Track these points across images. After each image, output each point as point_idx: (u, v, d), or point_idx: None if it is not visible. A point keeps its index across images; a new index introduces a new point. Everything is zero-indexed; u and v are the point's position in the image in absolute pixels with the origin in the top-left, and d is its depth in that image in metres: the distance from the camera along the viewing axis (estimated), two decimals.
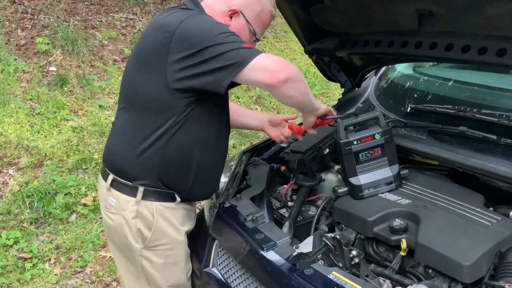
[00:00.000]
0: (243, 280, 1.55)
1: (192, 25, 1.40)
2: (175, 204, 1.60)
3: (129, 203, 1.56)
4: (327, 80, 2.45)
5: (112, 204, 1.61)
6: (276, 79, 1.35)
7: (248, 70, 1.35)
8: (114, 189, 1.59)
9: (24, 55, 4.47)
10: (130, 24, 5.38)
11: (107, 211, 1.64)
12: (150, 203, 1.56)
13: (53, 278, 2.74)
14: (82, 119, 4.12)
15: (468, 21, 1.47)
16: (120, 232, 1.61)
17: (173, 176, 1.56)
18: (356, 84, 2.34)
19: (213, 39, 1.36)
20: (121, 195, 1.58)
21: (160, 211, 1.57)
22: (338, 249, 1.37)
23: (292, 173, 1.93)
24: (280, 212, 1.82)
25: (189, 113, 1.48)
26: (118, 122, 1.64)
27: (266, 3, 1.60)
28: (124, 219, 1.58)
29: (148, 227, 1.58)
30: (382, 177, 1.57)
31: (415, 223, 1.38)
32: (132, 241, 1.59)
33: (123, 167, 1.57)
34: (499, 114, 1.60)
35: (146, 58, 1.49)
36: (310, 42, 2.12)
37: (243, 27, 1.57)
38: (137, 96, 1.53)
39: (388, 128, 1.58)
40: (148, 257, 1.61)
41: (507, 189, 1.45)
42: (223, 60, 1.35)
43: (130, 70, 1.57)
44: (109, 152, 1.64)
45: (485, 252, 1.20)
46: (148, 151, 1.51)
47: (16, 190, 3.31)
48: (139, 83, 1.51)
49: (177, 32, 1.39)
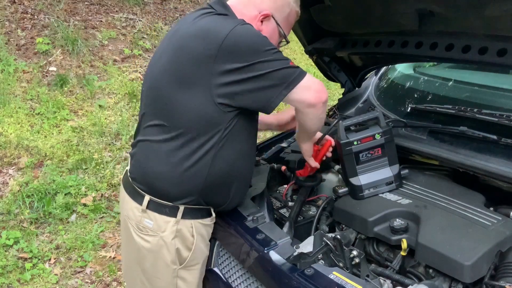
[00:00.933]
0: (244, 280, 1.55)
1: (241, 36, 1.34)
2: (210, 219, 1.57)
3: (169, 224, 1.48)
4: (327, 80, 2.45)
5: (148, 226, 1.50)
6: (319, 99, 1.39)
7: (298, 89, 1.35)
8: (151, 210, 1.49)
9: (24, 55, 4.47)
10: (130, 24, 5.38)
11: (141, 233, 1.52)
12: (189, 221, 1.50)
13: (53, 278, 2.74)
14: (82, 119, 4.12)
15: (468, 21, 1.47)
16: (157, 255, 1.52)
17: (216, 191, 1.50)
18: (357, 84, 2.34)
19: (263, 54, 1.32)
20: (160, 216, 1.49)
21: (198, 229, 1.52)
22: (338, 249, 1.37)
23: (292, 173, 1.93)
24: (281, 212, 1.82)
25: (233, 128, 1.42)
26: (151, 140, 1.49)
27: (293, 4, 1.57)
28: (163, 241, 1.49)
29: (187, 246, 1.52)
30: (382, 177, 1.57)
31: (416, 223, 1.38)
32: (169, 262, 1.52)
33: (164, 188, 1.47)
34: (499, 114, 1.60)
35: (186, 71, 1.38)
36: (310, 42, 2.12)
37: (274, 31, 1.54)
38: (179, 114, 1.41)
39: (388, 128, 1.58)
40: (184, 277, 1.56)
41: (507, 189, 1.45)
42: (275, 79, 1.33)
43: (165, 86, 1.43)
44: (145, 172, 1.51)
45: (485, 252, 1.20)
46: (192, 170, 1.43)
47: (16, 190, 3.31)
48: (180, 100, 1.39)
49: (225, 42, 1.31)
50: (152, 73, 1.51)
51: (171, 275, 1.54)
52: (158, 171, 1.46)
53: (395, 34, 1.78)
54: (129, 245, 1.60)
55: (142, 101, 1.57)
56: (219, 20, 1.40)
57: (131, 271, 1.64)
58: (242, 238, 1.54)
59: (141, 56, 5.03)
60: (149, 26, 5.47)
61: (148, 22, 5.53)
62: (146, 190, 1.50)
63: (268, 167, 1.92)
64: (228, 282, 1.62)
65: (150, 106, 1.50)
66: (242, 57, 1.32)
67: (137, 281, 1.61)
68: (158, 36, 5.37)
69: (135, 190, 1.53)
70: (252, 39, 1.35)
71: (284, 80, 1.34)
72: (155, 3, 5.88)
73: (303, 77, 1.36)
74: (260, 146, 2.14)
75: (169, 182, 1.46)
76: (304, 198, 1.79)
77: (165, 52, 1.47)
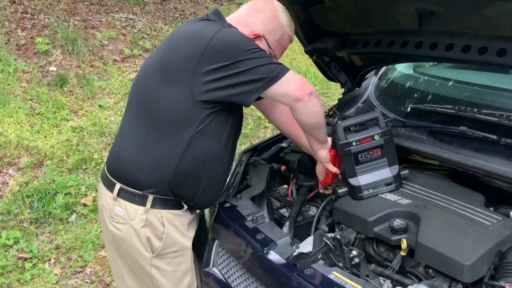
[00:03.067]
0: (244, 280, 1.55)
1: (226, 37, 1.42)
2: (182, 211, 1.59)
3: (138, 212, 1.54)
4: (327, 80, 2.45)
5: (119, 214, 1.57)
6: (303, 91, 1.44)
7: (279, 84, 1.42)
8: (121, 198, 1.56)
9: (24, 55, 4.47)
10: (130, 24, 5.38)
11: (113, 221, 1.59)
12: (159, 211, 1.54)
13: (53, 278, 2.74)
14: (82, 119, 4.12)
15: (468, 21, 1.47)
16: (129, 243, 1.57)
17: (184, 185, 1.54)
18: (356, 84, 2.34)
19: (246, 53, 1.40)
20: (129, 205, 1.54)
21: (169, 219, 1.56)
22: (338, 249, 1.37)
23: (292, 173, 1.93)
24: (280, 212, 1.82)
25: (206, 125, 1.48)
26: (130, 128, 1.59)
27: (286, 28, 1.64)
28: (133, 229, 1.55)
29: (157, 236, 1.56)
30: (381, 177, 1.57)
31: (416, 223, 1.37)
32: (142, 250, 1.57)
33: (134, 175, 1.54)
34: (499, 114, 1.60)
35: (173, 68, 1.46)
36: (310, 42, 2.12)
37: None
38: (159, 105, 1.49)
39: (387, 129, 1.57)
40: (157, 265, 1.59)
41: (507, 189, 1.45)
42: (256, 74, 1.40)
43: (151, 78, 1.53)
44: (118, 160, 1.59)
45: (485, 252, 1.20)
46: (162, 160, 1.50)
47: (16, 190, 3.31)
48: (162, 93, 1.48)
49: (211, 43, 1.39)
50: (144, 67, 1.61)
51: (145, 263, 1.59)
52: (130, 159, 1.54)
53: (395, 34, 1.78)
54: (106, 234, 1.67)
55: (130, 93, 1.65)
56: (208, 24, 1.50)
57: (112, 258, 1.71)
58: (241, 238, 1.54)
59: (141, 56, 5.03)
60: (149, 26, 5.47)
61: (148, 22, 5.53)
62: (118, 178, 1.56)
63: (268, 167, 1.92)
64: (227, 282, 1.62)
65: (134, 97, 1.59)
66: (225, 56, 1.39)
67: (119, 268, 1.68)
68: (158, 36, 5.37)
69: (108, 179, 1.60)
70: (235, 39, 1.43)
71: (266, 75, 1.41)
72: (155, 3, 5.88)
73: (285, 73, 1.42)
74: (260, 146, 2.14)
75: (139, 170, 1.52)
76: (303, 198, 1.79)
77: (159, 49, 1.57)
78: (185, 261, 1.65)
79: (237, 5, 6.71)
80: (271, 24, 1.60)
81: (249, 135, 4.50)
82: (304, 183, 1.83)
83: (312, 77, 5.83)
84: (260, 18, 1.60)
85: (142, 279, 1.64)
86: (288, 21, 1.64)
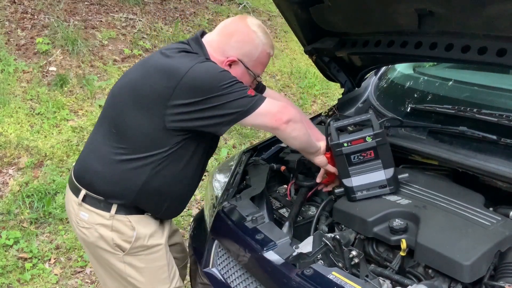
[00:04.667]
0: (243, 280, 1.55)
1: (198, 73, 1.43)
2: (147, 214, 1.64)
3: (103, 217, 1.57)
4: (327, 80, 2.45)
5: (84, 219, 1.60)
6: (280, 120, 1.46)
7: (254, 116, 1.45)
8: (86, 204, 1.59)
9: (24, 55, 4.47)
10: (130, 24, 5.38)
11: (79, 226, 1.62)
12: (125, 216, 1.58)
13: (53, 278, 2.74)
14: (82, 119, 4.12)
15: (468, 21, 1.47)
16: (97, 245, 1.61)
17: (147, 202, 1.59)
18: (356, 84, 2.34)
19: (219, 88, 1.41)
20: (94, 210, 1.58)
21: (137, 220, 1.60)
22: (338, 249, 1.37)
23: (292, 173, 1.92)
24: (280, 212, 1.82)
25: (177, 149, 1.51)
26: (98, 139, 1.60)
27: (262, 46, 1.61)
28: (98, 233, 1.58)
29: (126, 240, 1.58)
30: (375, 180, 1.55)
31: (415, 223, 1.37)
32: (111, 251, 1.60)
33: (99, 186, 1.56)
34: (499, 114, 1.60)
35: (143, 98, 1.48)
36: (310, 42, 2.12)
37: (243, 74, 1.61)
38: (128, 128, 1.52)
39: (380, 131, 1.53)
40: (130, 262, 1.62)
41: (507, 189, 1.45)
42: (228, 108, 1.43)
43: (122, 101, 1.54)
44: (85, 168, 1.61)
45: (485, 252, 1.20)
46: (129, 176, 1.53)
47: (16, 190, 3.31)
48: (132, 118, 1.50)
49: (183, 80, 1.41)
50: (120, 82, 1.62)
51: (117, 262, 1.62)
52: (96, 169, 1.56)
53: (395, 34, 1.78)
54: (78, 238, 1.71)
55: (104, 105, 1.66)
56: (182, 58, 1.49)
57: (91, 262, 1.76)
58: (241, 238, 1.54)
59: (141, 56, 5.03)
60: (149, 26, 5.47)
61: (148, 22, 5.53)
62: (83, 185, 1.59)
63: (267, 167, 1.92)
64: (227, 283, 1.62)
65: (107, 111, 1.61)
66: (198, 92, 1.41)
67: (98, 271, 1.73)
68: (158, 36, 5.37)
69: (74, 184, 1.62)
70: (208, 75, 1.43)
71: (239, 109, 1.43)
72: (155, 3, 5.88)
73: (260, 104, 1.44)
74: (259, 146, 2.14)
75: (105, 182, 1.55)
76: (303, 198, 1.78)
77: (135, 71, 1.58)
78: (159, 257, 1.67)
79: (237, 5, 6.71)
80: (245, 47, 1.58)
81: (249, 135, 4.50)
82: (304, 183, 1.83)
83: (312, 77, 5.83)
84: (233, 42, 1.58)
85: (118, 280, 1.67)
86: (264, 39, 1.61)
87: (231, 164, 2.02)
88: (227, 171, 1.99)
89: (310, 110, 5.41)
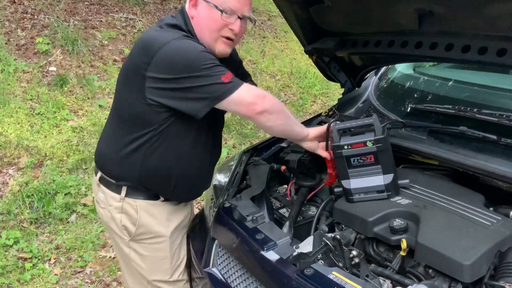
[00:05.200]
0: (243, 280, 1.55)
1: (173, 50, 1.41)
2: (159, 201, 1.67)
3: (114, 199, 1.65)
4: (327, 80, 2.45)
5: (101, 198, 1.71)
6: (253, 111, 1.45)
7: (226, 103, 1.43)
8: (102, 185, 1.69)
9: (24, 55, 4.47)
10: (130, 24, 5.38)
11: (98, 205, 1.75)
12: (134, 200, 1.62)
13: (53, 278, 2.74)
14: (82, 119, 4.12)
15: (468, 21, 1.47)
16: (109, 225, 1.71)
17: (153, 182, 1.62)
18: (356, 84, 2.34)
19: (193, 70, 1.40)
20: (108, 191, 1.67)
21: (143, 207, 1.64)
22: (338, 249, 1.37)
23: (292, 173, 1.92)
24: (280, 212, 1.82)
25: (167, 127, 1.52)
26: (108, 124, 1.72)
27: None
28: (111, 214, 1.67)
29: (132, 222, 1.64)
30: (373, 184, 1.53)
31: (415, 223, 1.37)
32: (120, 234, 1.68)
33: (107, 167, 1.65)
34: (499, 114, 1.60)
35: (127, 71, 1.54)
36: (310, 42, 2.12)
37: (209, 12, 1.50)
38: (122, 106, 1.59)
39: (382, 137, 1.51)
40: (135, 248, 1.69)
41: (507, 189, 1.45)
42: (201, 93, 1.41)
43: (118, 81, 1.63)
44: (98, 151, 1.73)
45: (485, 252, 1.20)
46: (129, 158, 1.58)
47: (16, 190, 3.31)
48: (123, 95, 1.58)
49: (158, 54, 1.41)
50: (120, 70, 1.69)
51: (124, 245, 1.71)
52: (104, 151, 1.67)
53: (395, 34, 1.78)
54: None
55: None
56: (161, 33, 1.49)
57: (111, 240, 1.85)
58: (241, 238, 1.54)
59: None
60: (149, 26, 5.47)
61: (148, 22, 5.53)
62: (98, 166, 1.71)
63: (267, 167, 1.92)
64: (227, 282, 1.62)
65: (114, 95, 1.70)
66: (171, 70, 1.41)
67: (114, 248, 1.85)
68: None
69: (95, 166, 1.75)
70: (184, 53, 1.42)
71: (210, 94, 1.42)
72: (155, 3, 5.88)
73: (233, 92, 1.42)
74: (260, 146, 2.14)
75: (111, 164, 1.63)
76: (303, 198, 1.79)
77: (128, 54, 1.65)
78: (162, 249, 1.70)
79: None
80: None
81: (249, 135, 4.50)
82: (304, 183, 1.83)
83: (312, 77, 5.83)
84: None
85: (124, 260, 1.76)
86: None
87: (231, 164, 2.02)
88: (227, 171, 1.99)
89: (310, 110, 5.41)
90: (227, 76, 1.42)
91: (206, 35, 1.54)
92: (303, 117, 5.14)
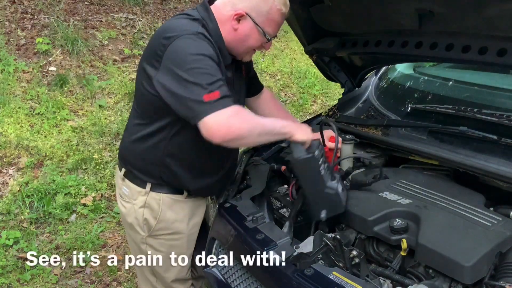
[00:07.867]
0: (243, 280, 1.55)
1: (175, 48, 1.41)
2: (183, 197, 1.67)
3: (139, 194, 1.66)
4: (327, 80, 2.45)
5: (125, 193, 1.70)
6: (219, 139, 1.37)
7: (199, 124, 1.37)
8: (127, 179, 1.69)
9: (24, 55, 4.47)
10: (130, 24, 5.38)
11: (121, 199, 1.74)
12: (158, 194, 1.64)
13: (53, 278, 2.73)
14: (82, 119, 4.12)
15: (468, 21, 1.47)
16: (130, 220, 1.70)
17: (172, 175, 1.62)
18: (356, 84, 2.34)
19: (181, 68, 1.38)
20: (133, 186, 1.67)
21: (167, 203, 1.65)
22: (338, 249, 1.37)
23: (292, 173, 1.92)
24: (280, 212, 1.82)
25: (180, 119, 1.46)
26: (130, 119, 1.72)
27: (273, 1, 1.53)
28: (134, 209, 1.67)
29: (154, 216, 1.65)
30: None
31: (416, 223, 1.37)
32: (138, 230, 1.69)
33: (131, 160, 1.66)
34: (499, 114, 1.61)
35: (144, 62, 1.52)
36: (310, 42, 2.12)
37: (251, 30, 1.54)
38: (139, 97, 1.59)
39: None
40: (152, 244, 1.70)
41: (508, 189, 1.45)
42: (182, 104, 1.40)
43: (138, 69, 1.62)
44: (122, 145, 1.74)
45: (485, 253, 1.20)
46: (148, 150, 1.59)
47: (16, 190, 3.31)
48: (139, 87, 1.56)
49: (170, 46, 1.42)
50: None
51: (140, 240, 1.72)
52: (129, 146, 1.68)
53: (395, 34, 1.78)
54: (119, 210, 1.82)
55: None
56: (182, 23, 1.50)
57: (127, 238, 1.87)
58: (241, 238, 1.54)
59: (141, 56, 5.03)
60: (149, 26, 5.47)
61: (148, 22, 5.53)
62: (124, 161, 1.71)
63: (268, 167, 1.92)
64: (227, 282, 1.62)
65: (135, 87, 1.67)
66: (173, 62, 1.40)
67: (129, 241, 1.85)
68: None
69: (119, 160, 1.75)
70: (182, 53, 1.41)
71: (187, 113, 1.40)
72: (155, 3, 5.88)
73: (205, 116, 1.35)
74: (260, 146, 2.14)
75: (135, 158, 1.64)
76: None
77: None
78: (179, 246, 1.72)
79: None
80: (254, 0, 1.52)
81: None
82: None
83: (312, 77, 5.83)
84: None
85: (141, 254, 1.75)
86: None
87: None
88: None
89: (310, 110, 5.41)
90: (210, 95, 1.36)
91: (241, 47, 1.58)
92: (303, 117, 5.14)
